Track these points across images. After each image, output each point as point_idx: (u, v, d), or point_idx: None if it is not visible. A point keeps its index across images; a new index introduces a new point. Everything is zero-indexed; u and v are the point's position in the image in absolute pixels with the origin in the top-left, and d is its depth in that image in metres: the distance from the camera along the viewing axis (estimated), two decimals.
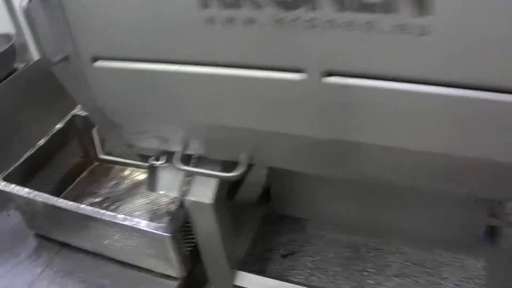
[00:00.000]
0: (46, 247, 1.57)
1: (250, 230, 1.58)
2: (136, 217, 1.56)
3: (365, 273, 1.41)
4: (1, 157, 1.68)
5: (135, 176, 1.79)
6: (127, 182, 1.77)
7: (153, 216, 1.59)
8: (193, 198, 1.15)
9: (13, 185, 1.46)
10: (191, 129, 0.97)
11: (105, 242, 1.41)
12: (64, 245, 1.56)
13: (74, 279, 1.45)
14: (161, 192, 1.21)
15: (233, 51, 0.78)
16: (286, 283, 1.35)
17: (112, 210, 1.63)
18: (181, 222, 1.24)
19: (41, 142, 1.63)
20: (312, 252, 1.50)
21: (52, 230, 1.55)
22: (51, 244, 1.58)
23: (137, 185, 1.75)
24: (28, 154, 1.59)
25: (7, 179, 1.50)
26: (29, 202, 1.44)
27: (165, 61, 0.84)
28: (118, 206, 1.66)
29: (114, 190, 1.74)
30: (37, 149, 1.61)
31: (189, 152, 1.03)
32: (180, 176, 1.17)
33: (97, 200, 1.70)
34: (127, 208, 1.65)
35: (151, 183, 1.21)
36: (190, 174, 1.12)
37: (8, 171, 1.52)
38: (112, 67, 0.89)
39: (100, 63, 0.90)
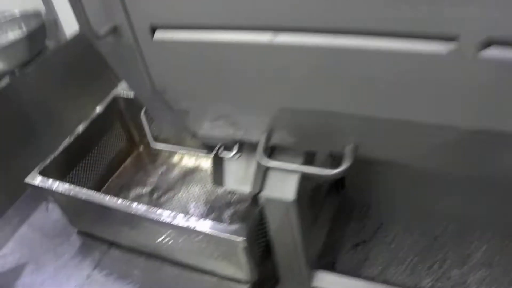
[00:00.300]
0: (93, 247, 1.40)
1: (325, 222, 1.38)
2: (191, 208, 1.39)
3: (446, 264, 1.24)
4: (35, 146, 1.50)
5: (186, 163, 1.59)
6: (177, 170, 1.57)
7: (211, 208, 1.40)
8: (271, 195, 0.95)
9: (51, 180, 1.27)
10: (281, 116, 0.75)
11: (161, 243, 1.22)
12: (113, 244, 1.38)
13: (127, 283, 1.28)
14: (230, 188, 1.01)
15: (349, 13, 0.55)
16: (366, 281, 1.20)
17: (163, 202, 1.45)
18: (255, 223, 1.04)
19: (80, 129, 1.44)
20: (386, 240, 1.33)
21: (98, 228, 1.37)
22: (98, 243, 1.40)
23: (189, 172, 1.55)
24: (66, 144, 1.40)
25: (44, 172, 1.31)
26: (70, 199, 1.26)
27: (247, 27, 0.63)
28: (170, 197, 1.47)
29: (164, 179, 1.55)
30: (76, 137, 1.42)
31: (273, 142, 0.81)
32: (252, 169, 0.97)
33: (145, 190, 1.51)
34: (180, 199, 1.46)
35: (217, 177, 1.02)
36: (266, 168, 0.91)
37: (45, 164, 1.34)
38: (176, 38, 0.68)
39: (160, 34, 0.69)
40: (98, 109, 1.49)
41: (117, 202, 1.15)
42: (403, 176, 1.29)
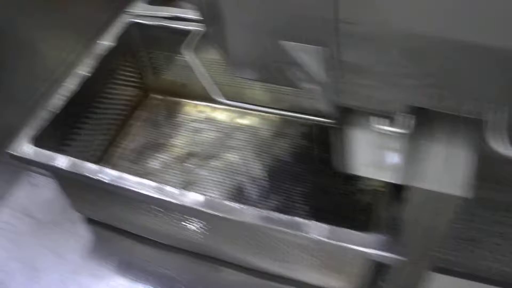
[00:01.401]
0: (111, 241, 0.99)
1: None
2: (246, 186, 1.00)
3: None
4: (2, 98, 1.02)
5: (223, 118, 1.15)
6: (213, 127, 1.13)
7: (274, 186, 1.01)
8: (437, 189, 0.59)
9: (48, 152, 0.83)
10: None
11: (227, 242, 0.84)
12: (140, 238, 0.97)
13: None
14: (359, 173, 0.64)
15: None
16: None
17: (202, 176, 1.04)
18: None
19: (84, 70, 0.97)
20: None
21: (119, 217, 0.96)
22: (119, 236, 0.99)
23: (231, 132, 1.12)
24: (67, 95, 0.94)
25: (36, 140, 0.86)
26: (76, 177, 0.82)
27: None
28: (213, 168, 1.05)
29: (198, 140, 1.11)
30: (81, 84, 0.96)
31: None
32: (396, 148, 0.60)
33: (173, 155, 1.08)
34: (228, 171, 1.04)
35: (341, 156, 0.64)
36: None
37: (36, 128, 0.88)
38: None
39: None
40: (108, 41, 1.02)
41: (180, 197, 0.74)
42: None
